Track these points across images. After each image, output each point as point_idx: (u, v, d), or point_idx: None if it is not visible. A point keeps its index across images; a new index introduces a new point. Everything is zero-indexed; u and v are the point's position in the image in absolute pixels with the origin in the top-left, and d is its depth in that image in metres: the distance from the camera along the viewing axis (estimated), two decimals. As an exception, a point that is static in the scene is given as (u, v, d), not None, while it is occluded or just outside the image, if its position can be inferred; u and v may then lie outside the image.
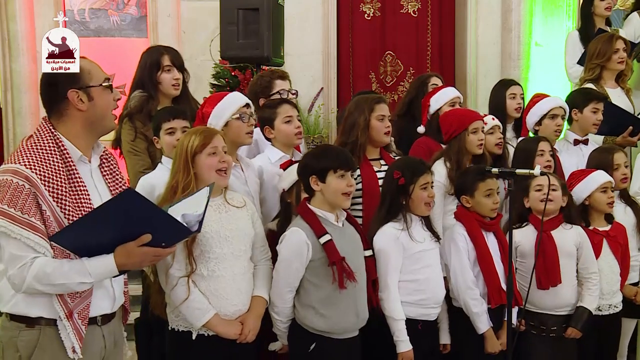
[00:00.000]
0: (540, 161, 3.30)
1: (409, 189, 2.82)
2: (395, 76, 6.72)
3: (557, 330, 3.06)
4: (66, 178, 2.03)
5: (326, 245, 2.57)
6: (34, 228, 1.96)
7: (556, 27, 6.24)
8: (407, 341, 2.76)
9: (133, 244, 1.99)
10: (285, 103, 3.19)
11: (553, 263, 3.02)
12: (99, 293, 2.12)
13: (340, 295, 2.59)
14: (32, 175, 1.97)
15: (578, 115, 3.80)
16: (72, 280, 1.98)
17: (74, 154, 2.09)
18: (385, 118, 3.15)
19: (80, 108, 2.08)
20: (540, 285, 3.01)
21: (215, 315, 2.47)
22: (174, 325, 2.54)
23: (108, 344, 2.19)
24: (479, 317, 2.91)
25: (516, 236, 3.06)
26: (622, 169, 3.42)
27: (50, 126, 2.08)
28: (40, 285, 1.97)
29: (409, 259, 2.82)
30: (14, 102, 6.31)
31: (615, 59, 4.20)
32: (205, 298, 2.46)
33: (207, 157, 2.49)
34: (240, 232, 2.55)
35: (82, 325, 2.05)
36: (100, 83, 2.11)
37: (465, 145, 3.23)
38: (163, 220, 2.02)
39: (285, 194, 2.89)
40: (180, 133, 2.97)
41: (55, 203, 1.99)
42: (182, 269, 2.44)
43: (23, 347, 2.05)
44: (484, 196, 2.97)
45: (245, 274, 2.56)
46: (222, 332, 2.49)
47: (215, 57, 5.14)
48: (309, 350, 2.60)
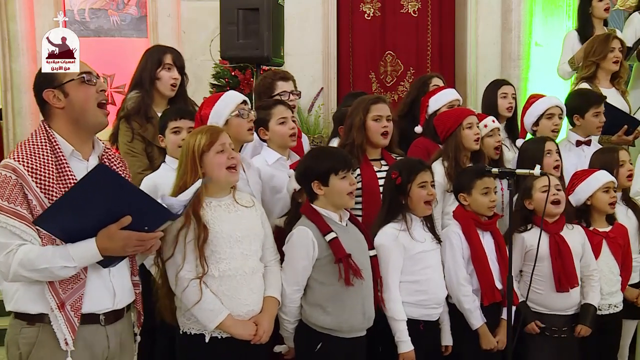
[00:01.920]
0: (549, 161, 3.31)
1: (407, 188, 2.82)
2: (396, 76, 6.72)
3: (567, 330, 3.08)
4: (56, 170, 2.05)
5: (332, 242, 2.58)
6: (20, 216, 1.98)
7: (556, 27, 6.24)
8: (408, 342, 2.76)
9: (114, 226, 1.99)
10: (279, 104, 3.18)
11: (570, 265, 3.03)
12: (96, 285, 2.11)
13: (347, 292, 2.59)
14: (19, 167, 2.00)
15: (580, 121, 3.81)
16: (55, 265, 1.98)
17: (66, 149, 2.10)
18: (382, 118, 3.12)
19: (57, 106, 2.10)
20: (560, 287, 3.02)
21: (229, 316, 2.44)
22: (185, 329, 2.51)
23: (112, 345, 2.17)
24: (471, 313, 2.92)
25: (526, 240, 3.06)
26: (627, 165, 3.42)
27: (45, 125, 2.12)
28: (25, 271, 1.98)
29: (410, 260, 2.83)
30: (14, 102, 6.30)
31: (610, 58, 4.22)
32: (218, 299, 2.44)
33: (215, 155, 2.47)
34: (250, 232, 2.53)
35: (75, 317, 2.04)
36: (74, 78, 2.10)
37: (461, 141, 3.24)
38: (139, 198, 2.02)
39: (296, 194, 2.88)
40: (186, 133, 2.98)
41: (43, 194, 2.00)
42: (192, 270, 2.42)
43: (23, 344, 2.07)
44: (481, 194, 2.97)
45: (256, 274, 2.54)
46: (236, 333, 2.46)
47: (215, 57, 5.13)
48: (316, 350, 2.60)
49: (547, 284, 3.05)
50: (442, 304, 2.92)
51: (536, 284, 3.07)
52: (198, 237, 2.40)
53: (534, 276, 3.06)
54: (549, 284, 3.04)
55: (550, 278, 3.04)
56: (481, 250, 2.96)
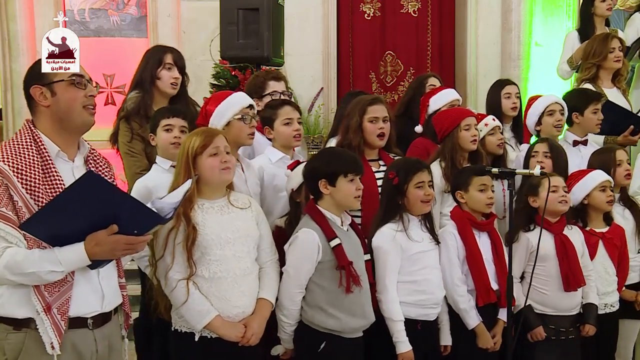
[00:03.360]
0: (533, 162, 3.32)
1: (404, 188, 2.83)
2: (396, 76, 6.72)
3: (573, 331, 3.08)
4: (41, 171, 2.02)
5: (336, 249, 2.58)
6: (5, 218, 1.95)
7: (556, 27, 6.24)
8: (406, 342, 2.76)
9: (103, 232, 1.97)
10: (286, 104, 3.19)
11: (576, 264, 3.04)
12: (84, 288, 2.08)
13: (347, 298, 2.60)
14: (5, 167, 1.97)
15: (579, 118, 3.80)
16: (43, 269, 1.94)
17: (51, 150, 2.08)
18: (378, 120, 3.11)
19: (43, 104, 2.08)
20: (568, 287, 3.02)
21: (217, 317, 2.44)
22: (177, 327, 2.53)
23: (100, 349, 2.14)
24: (467, 312, 2.92)
25: (531, 240, 3.06)
26: (625, 164, 3.43)
27: (30, 124, 2.10)
28: (12, 275, 1.95)
29: (408, 260, 2.83)
30: (14, 102, 6.31)
31: (611, 58, 4.22)
32: (207, 300, 2.45)
33: (208, 158, 2.47)
34: (242, 233, 2.52)
35: (62, 320, 2.01)
36: (64, 78, 2.08)
37: (458, 141, 3.23)
38: (128, 204, 2.01)
39: (294, 193, 2.89)
40: (177, 131, 2.98)
41: (29, 195, 1.97)
42: (181, 271, 2.43)
43: (9, 350, 2.03)
44: (478, 190, 2.97)
45: (248, 276, 2.53)
46: (224, 335, 2.46)
47: (215, 57, 5.14)
48: (319, 350, 2.60)
49: (554, 284, 3.05)
50: (440, 303, 2.91)
51: (542, 285, 3.06)
52: (187, 237, 2.41)
53: (539, 277, 3.06)
54: (555, 285, 3.04)
55: (556, 278, 3.04)
56: (476, 250, 2.96)
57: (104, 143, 3.34)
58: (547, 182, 2.94)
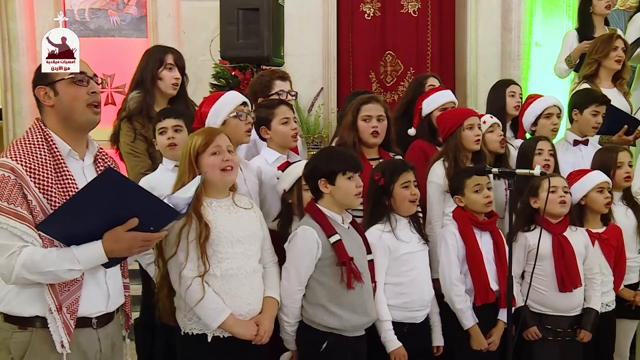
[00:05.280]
0: (538, 160, 3.31)
1: (390, 189, 2.83)
2: (396, 76, 6.73)
3: (571, 332, 3.07)
4: (54, 170, 2.02)
5: (335, 245, 2.58)
6: (21, 217, 1.95)
7: (556, 27, 6.24)
8: (394, 340, 2.76)
9: (120, 228, 1.97)
10: (282, 104, 3.18)
11: (573, 265, 3.03)
12: (91, 288, 2.09)
13: (348, 295, 2.60)
14: (18, 166, 1.97)
15: (578, 116, 3.80)
16: (61, 268, 1.95)
17: (63, 149, 2.09)
18: (371, 118, 3.13)
19: (47, 104, 2.09)
20: (563, 287, 3.02)
21: (231, 315, 2.45)
22: (187, 330, 2.50)
23: (104, 348, 2.16)
24: (463, 313, 2.92)
25: (529, 239, 3.06)
26: (626, 167, 3.41)
27: (41, 123, 2.11)
28: (29, 274, 1.95)
29: (396, 261, 2.82)
30: (14, 102, 6.31)
31: (613, 56, 4.21)
32: (220, 298, 2.45)
33: (209, 157, 2.48)
34: (250, 232, 2.54)
35: (71, 319, 2.02)
36: (64, 77, 2.09)
37: (461, 141, 3.23)
38: (146, 200, 2.01)
39: (286, 194, 2.89)
40: (171, 132, 2.99)
41: (42, 194, 1.98)
42: (195, 269, 2.42)
43: (15, 348, 2.03)
44: (473, 192, 2.97)
45: (256, 274, 2.55)
46: (238, 333, 2.46)
47: (215, 57, 5.14)
48: (321, 350, 2.60)
49: (550, 284, 3.04)
50: (428, 305, 2.90)
51: (539, 284, 3.06)
52: (200, 235, 2.41)
53: (538, 276, 3.05)
54: (552, 284, 3.04)
55: (553, 278, 3.03)
56: (477, 250, 2.96)
57: (104, 143, 3.33)
58: (547, 182, 2.95)
